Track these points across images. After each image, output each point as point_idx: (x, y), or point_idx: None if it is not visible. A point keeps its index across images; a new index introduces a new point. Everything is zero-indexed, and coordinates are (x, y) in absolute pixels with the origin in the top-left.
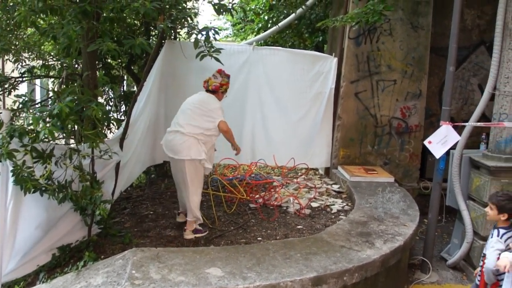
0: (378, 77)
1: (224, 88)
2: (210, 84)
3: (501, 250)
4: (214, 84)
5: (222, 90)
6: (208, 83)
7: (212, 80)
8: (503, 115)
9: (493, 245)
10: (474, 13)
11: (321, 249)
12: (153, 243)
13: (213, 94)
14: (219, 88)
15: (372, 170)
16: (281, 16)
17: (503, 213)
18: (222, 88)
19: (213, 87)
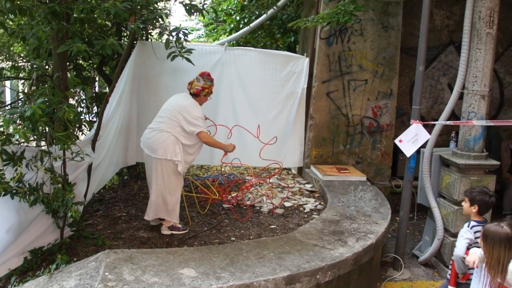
0: (349, 77)
1: (206, 92)
2: (193, 87)
3: (469, 239)
4: (196, 87)
5: (204, 93)
6: (192, 86)
7: (195, 83)
8: (471, 114)
9: (462, 234)
10: (443, 14)
11: (294, 248)
12: (127, 245)
13: (195, 97)
14: (200, 92)
15: (345, 169)
16: (253, 16)
17: (474, 205)
18: (204, 91)
19: (194, 90)
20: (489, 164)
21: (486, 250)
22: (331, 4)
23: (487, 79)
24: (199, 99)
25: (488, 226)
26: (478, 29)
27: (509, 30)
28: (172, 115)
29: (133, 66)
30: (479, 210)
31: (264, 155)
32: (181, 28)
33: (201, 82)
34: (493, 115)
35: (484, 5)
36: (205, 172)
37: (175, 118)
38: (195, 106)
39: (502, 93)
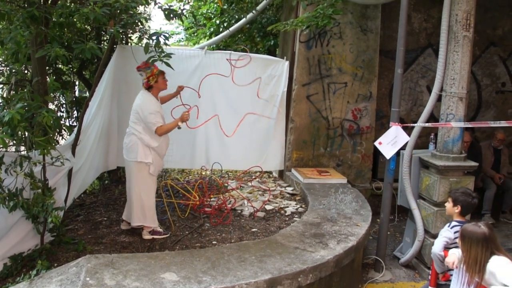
0: (329, 80)
1: (153, 78)
2: (143, 83)
3: (448, 238)
4: (143, 81)
5: (154, 81)
6: (142, 82)
7: (142, 78)
8: (450, 116)
9: (441, 233)
10: (421, 17)
11: (275, 251)
12: (108, 250)
13: (151, 89)
14: (148, 83)
15: (325, 172)
16: (233, 20)
17: (457, 206)
18: (151, 80)
19: (145, 85)
20: (468, 166)
21: (464, 250)
22: (310, 7)
23: (465, 81)
24: (156, 88)
25: (465, 226)
26: (455, 32)
27: (486, 33)
28: (134, 117)
29: (113, 70)
30: (462, 210)
31: (245, 158)
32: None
33: (144, 75)
34: (471, 117)
35: (460, 8)
36: (185, 176)
37: (136, 120)
38: (147, 102)
39: (480, 95)
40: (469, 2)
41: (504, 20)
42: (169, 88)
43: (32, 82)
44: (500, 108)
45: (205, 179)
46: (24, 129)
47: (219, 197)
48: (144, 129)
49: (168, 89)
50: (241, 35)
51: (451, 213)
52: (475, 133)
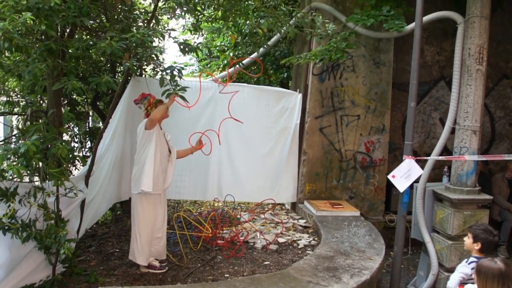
0: (342, 112)
1: (151, 108)
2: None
3: (465, 274)
4: (144, 113)
5: (152, 110)
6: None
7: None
8: (463, 149)
9: (458, 268)
10: (434, 50)
11: (288, 285)
12: (119, 282)
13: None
14: (148, 114)
15: (338, 204)
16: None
17: (477, 242)
18: (150, 110)
19: (145, 116)
20: (482, 199)
21: (480, 285)
22: (323, 41)
23: (478, 115)
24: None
25: (481, 261)
26: (468, 65)
27: (498, 65)
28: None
29: (127, 102)
30: (482, 248)
31: (258, 191)
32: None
33: (142, 107)
34: (485, 149)
35: (473, 42)
36: (198, 208)
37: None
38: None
39: (493, 127)
40: (481, 36)
41: None
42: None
43: (47, 114)
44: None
45: (217, 211)
46: (38, 161)
47: (231, 229)
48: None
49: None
50: (255, 67)
51: (470, 248)
52: (489, 166)
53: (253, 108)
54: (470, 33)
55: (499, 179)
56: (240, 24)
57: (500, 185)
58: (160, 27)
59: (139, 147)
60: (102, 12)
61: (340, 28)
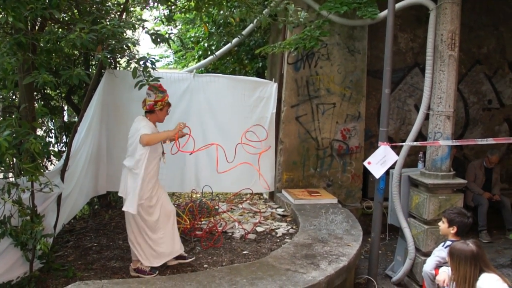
0: (318, 100)
1: (161, 105)
2: (146, 104)
3: (441, 258)
4: (148, 103)
5: (158, 107)
6: (145, 103)
7: (147, 99)
8: (437, 134)
9: (434, 252)
10: (407, 37)
11: (267, 273)
12: (98, 276)
13: (150, 114)
14: (153, 107)
15: (316, 192)
16: (221, 43)
17: (453, 226)
18: (158, 105)
19: (147, 107)
20: (457, 183)
21: (453, 268)
22: (298, 29)
23: (451, 100)
24: (156, 115)
25: (454, 244)
26: (441, 51)
27: (471, 51)
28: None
29: (102, 95)
30: (458, 231)
31: (235, 181)
32: (149, 57)
33: (152, 96)
34: (459, 134)
35: (445, 28)
36: (176, 200)
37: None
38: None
39: (467, 112)
40: (453, 22)
41: (488, 39)
42: None
43: (19, 109)
44: (487, 125)
45: (195, 202)
46: (12, 156)
47: (209, 220)
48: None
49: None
50: (230, 58)
51: (446, 233)
52: (463, 151)
53: (228, 99)
54: (442, 19)
55: (477, 166)
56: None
57: (476, 173)
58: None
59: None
60: (73, 5)
61: (314, 16)
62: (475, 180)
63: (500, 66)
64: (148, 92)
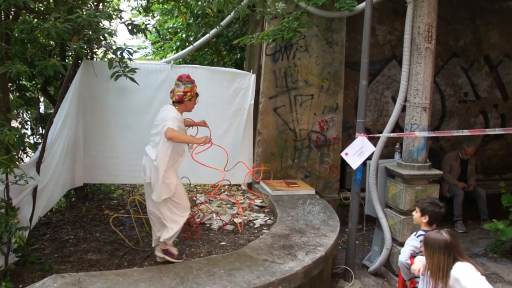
0: (295, 92)
1: (190, 95)
2: (175, 94)
3: (415, 247)
4: (178, 93)
5: (188, 98)
6: (173, 93)
7: (176, 89)
8: (414, 125)
9: (408, 242)
10: (385, 29)
11: (244, 264)
12: (75, 268)
13: (179, 104)
14: (183, 97)
15: (293, 184)
16: (199, 34)
17: (425, 216)
18: (187, 96)
19: (177, 97)
20: (433, 174)
21: (427, 257)
22: (276, 21)
23: (428, 92)
24: (184, 105)
25: (428, 233)
26: (418, 44)
27: (448, 44)
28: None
29: (78, 86)
30: (430, 220)
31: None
32: (125, 48)
33: (181, 87)
34: (436, 126)
35: (422, 21)
36: None
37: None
38: (171, 110)
39: (444, 104)
40: (430, 15)
41: (465, 32)
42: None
43: None
44: (463, 117)
45: None
46: None
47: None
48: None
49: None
50: (208, 49)
51: (419, 222)
52: (440, 142)
53: (206, 90)
54: (419, 12)
55: (452, 158)
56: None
57: (452, 164)
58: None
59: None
60: None
61: (292, 7)
62: (450, 171)
63: (476, 59)
64: (176, 83)
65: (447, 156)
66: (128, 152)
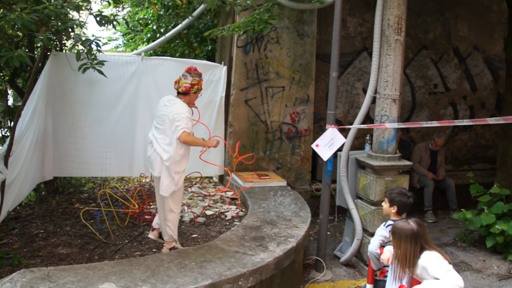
0: (267, 84)
1: (196, 88)
2: (181, 85)
3: (384, 237)
4: (184, 85)
5: (194, 90)
6: (179, 84)
7: (182, 80)
8: (384, 117)
9: (377, 232)
10: (356, 21)
11: (215, 256)
12: (44, 263)
13: (184, 96)
14: (190, 89)
15: (265, 175)
16: (170, 26)
17: (393, 206)
18: (194, 88)
19: (183, 88)
20: (402, 165)
21: (395, 246)
22: (247, 13)
23: (398, 84)
24: (189, 97)
25: (396, 223)
26: (388, 36)
27: (418, 37)
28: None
29: (47, 78)
30: (398, 210)
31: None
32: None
33: (189, 79)
34: (406, 118)
35: (392, 13)
36: (125, 184)
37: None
38: (185, 107)
39: (414, 96)
40: (400, 7)
41: (435, 24)
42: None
43: None
44: (433, 108)
45: (144, 187)
46: None
47: None
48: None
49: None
50: (179, 41)
51: (388, 212)
52: (410, 134)
53: None
54: (389, 4)
55: (422, 149)
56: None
57: (422, 155)
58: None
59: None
60: None
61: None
62: (420, 162)
63: (445, 51)
64: (184, 74)
65: (417, 147)
66: (98, 145)
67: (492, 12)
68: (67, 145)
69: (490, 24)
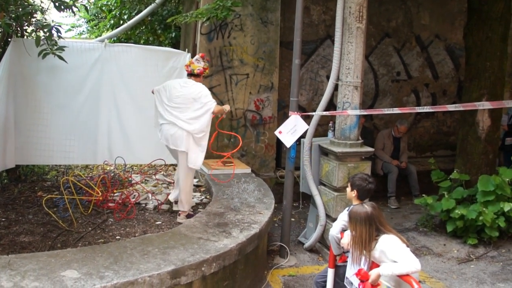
0: (231, 71)
1: (206, 73)
2: (194, 68)
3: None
4: (198, 68)
5: (205, 74)
6: (191, 67)
7: (195, 64)
8: (346, 104)
9: (340, 216)
10: (320, 9)
11: (178, 243)
12: (6, 251)
13: (196, 77)
14: (203, 72)
15: (229, 163)
16: (133, 12)
17: (353, 190)
18: (206, 72)
19: (198, 71)
20: (364, 151)
21: (351, 229)
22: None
23: (359, 71)
24: (200, 79)
25: (352, 207)
26: (349, 23)
27: (381, 25)
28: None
29: (8, 65)
30: (358, 195)
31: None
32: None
33: (202, 63)
34: (369, 105)
35: (353, 1)
36: (89, 172)
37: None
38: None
39: (377, 83)
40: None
41: (397, 12)
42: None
43: None
44: (396, 96)
45: (108, 174)
46: None
47: (122, 192)
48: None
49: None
50: (143, 28)
51: (351, 197)
52: (373, 121)
53: (141, 69)
54: None
55: (385, 135)
56: None
57: (385, 142)
58: None
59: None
60: None
61: None
62: (383, 149)
63: (408, 39)
64: (197, 58)
65: (380, 134)
66: (61, 132)
67: (452, 1)
68: (29, 133)
69: (451, 12)
